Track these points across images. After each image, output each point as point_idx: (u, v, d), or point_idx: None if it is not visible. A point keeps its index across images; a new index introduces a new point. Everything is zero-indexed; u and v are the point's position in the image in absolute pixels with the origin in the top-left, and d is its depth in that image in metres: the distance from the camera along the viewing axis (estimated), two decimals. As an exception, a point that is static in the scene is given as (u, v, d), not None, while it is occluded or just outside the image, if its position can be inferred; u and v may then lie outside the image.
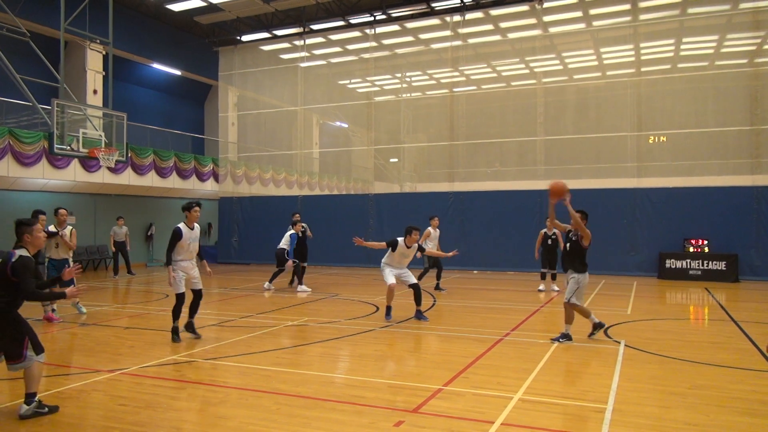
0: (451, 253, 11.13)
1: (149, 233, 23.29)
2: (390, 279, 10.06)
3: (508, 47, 23.66)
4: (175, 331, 8.38)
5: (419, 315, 10.14)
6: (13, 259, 5.15)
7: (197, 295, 8.57)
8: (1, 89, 17.56)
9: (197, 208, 8.40)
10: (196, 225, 8.50)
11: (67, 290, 5.51)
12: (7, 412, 5.28)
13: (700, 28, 20.39)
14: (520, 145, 22.17)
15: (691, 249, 17.05)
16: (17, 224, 5.36)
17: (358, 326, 9.56)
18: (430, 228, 14.08)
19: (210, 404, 5.53)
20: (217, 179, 24.47)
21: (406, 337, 8.74)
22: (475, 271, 19.05)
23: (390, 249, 10.10)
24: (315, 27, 23.81)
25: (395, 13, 22.25)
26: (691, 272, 16.84)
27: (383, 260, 10.31)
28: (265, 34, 24.82)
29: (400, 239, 10.04)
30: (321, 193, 27.90)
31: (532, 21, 20.79)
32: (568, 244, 8.22)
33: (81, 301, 11.07)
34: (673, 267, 17.11)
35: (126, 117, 16.32)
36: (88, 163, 18.26)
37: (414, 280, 10.20)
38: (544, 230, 14.16)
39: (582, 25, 21.74)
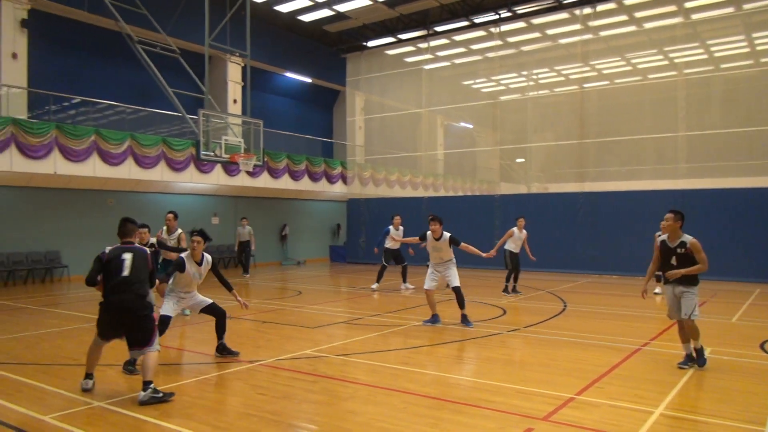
0: (486, 254, 9.93)
1: (283, 233, 24.56)
2: (428, 283, 9.56)
3: (644, 38, 22.23)
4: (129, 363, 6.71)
5: (464, 320, 9.48)
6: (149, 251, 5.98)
7: (219, 314, 7.38)
8: (155, 102, 19.41)
9: (194, 242, 7.19)
10: (205, 255, 7.27)
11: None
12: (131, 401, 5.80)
13: None
14: (658, 142, 20.70)
15: None
16: (128, 221, 6.13)
17: (484, 329, 9.43)
18: (514, 228, 13.55)
19: (340, 399, 5.72)
20: (345, 181, 25.30)
21: (534, 342, 8.48)
22: (614, 276, 18.07)
23: (422, 241, 9.70)
24: (439, 29, 23.89)
25: (521, 9, 21.73)
26: None
27: None
28: (390, 39, 25.31)
29: (429, 231, 9.55)
30: (446, 195, 27.88)
31: (672, 8, 19.36)
32: (674, 258, 6.86)
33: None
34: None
35: (262, 124, 17.36)
36: (229, 167, 19.66)
37: (456, 283, 9.46)
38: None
39: (730, 9, 19.89)
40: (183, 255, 7.21)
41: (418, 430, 4.84)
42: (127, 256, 5.83)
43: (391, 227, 14.84)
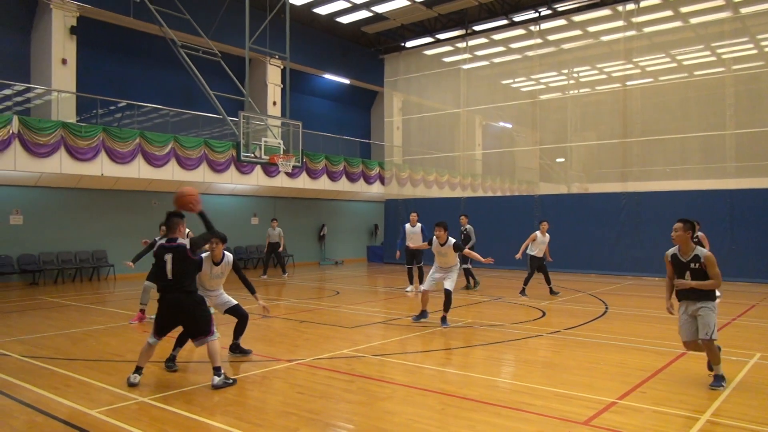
0: (486, 260, 10.00)
1: (321, 233, 24.76)
2: (427, 284, 10.00)
3: (690, 33, 21.60)
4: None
5: (443, 321, 9.65)
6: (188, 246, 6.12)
7: (241, 317, 7.46)
8: (197, 104, 19.82)
9: (213, 244, 7.07)
10: (226, 254, 7.26)
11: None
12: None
13: None
14: (705, 141, 20.07)
15: None
16: (173, 215, 6.33)
17: (523, 331, 9.31)
18: (537, 232, 13.33)
19: (378, 399, 5.73)
20: (383, 182, 25.35)
21: (574, 345, 8.32)
22: (658, 279, 17.61)
23: (429, 246, 10.02)
24: (477, 28, 23.72)
25: (561, 7, 21.40)
26: None
27: None
28: (428, 39, 25.25)
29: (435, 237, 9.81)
30: (484, 195, 27.65)
31: (720, 2, 18.77)
32: (688, 273, 6.11)
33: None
34: None
35: (301, 125, 17.54)
36: (269, 168, 19.93)
37: (449, 287, 9.70)
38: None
39: (783, 2, 19.15)
40: (202, 255, 7.02)
41: (456, 431, 4.81)
42: (168, 258, 6.05)
43: (407, 225, 14.73)
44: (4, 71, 16.77)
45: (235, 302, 7.50)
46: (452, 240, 9.70)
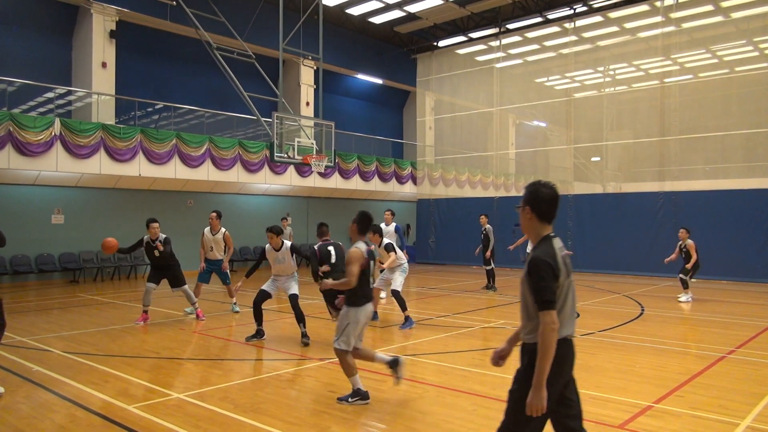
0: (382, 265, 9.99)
1: (353, 233, 24.83)
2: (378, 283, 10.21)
3: (731, 28, 21.01)
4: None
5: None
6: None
7: (293, 307, 8.44)
8: (232, 106, 20.10)
9: (269, 237, 8.51)
10: (285, 242, 8.60)
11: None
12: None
13: None
14: (747, 139, 19.51)
15: None
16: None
17: (557, 332, 9.17)
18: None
19: (410, 399, 5.71)
20: (415, 182, 25.31)
21: (609, 347, 8.17)
22: (696, 280, 17.16)
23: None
24: (511, 26, 23.49)
25: (597, 3, 21.04)
26: None
27: None
28: (461, 38, 25.11)
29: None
30: (517, 195, 27.36)
31: (763, -4, 18.22)
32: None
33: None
34: None
35: (334, 125, 17.62)
36: (302, 168, 20.09)
37: (395, 287, 9.77)
38: None
39: (829, -5, 18.49)
40: (266, 246, 8.66)
41: (488, 433, 4.78)
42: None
43: (383, 224, 12.74)
44: (47, 75, 17.29)
45: (294, 293, 8.52)
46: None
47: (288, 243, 8.65)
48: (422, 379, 6.46)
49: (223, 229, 11.13)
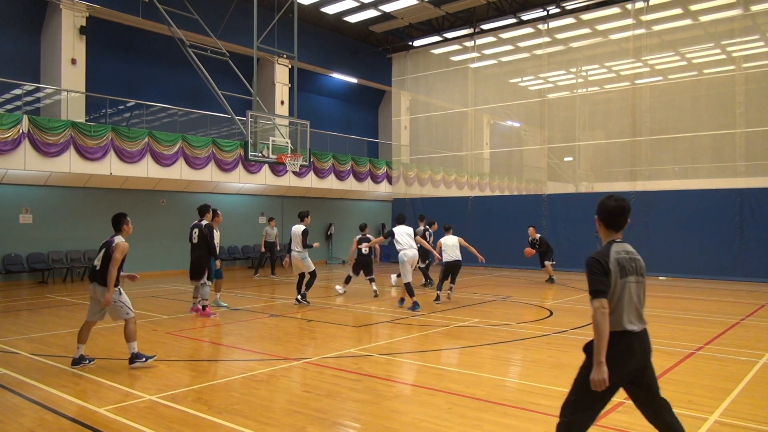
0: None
1: (329, 232, 24.77)
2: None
3: (700, 32, 21.47)
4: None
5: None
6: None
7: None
8: (206, 104, 19.88)
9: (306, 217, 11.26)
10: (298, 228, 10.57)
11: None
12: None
13: None
14: (715, 140, 19.93)
15: None
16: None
17: (530, 330, 9.29)
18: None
19: (384, 398, 5.72)
20: (390, 181, 25.34)
21: (582, 345, 8.26)
22: (661, 278, 17.52)
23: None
24: (485, 27, 23.67)
25: (570, 5, 21.31)
26: None
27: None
28: (436, 38, 25.22)
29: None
30: (492, 194, 27.60)
31: (731, 0, 18.62)
32: None
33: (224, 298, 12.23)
34: None
35: (309, 124, 17.55)
36: (276, 167, 19.96)
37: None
38: None
39: (794, -1, 18.98)
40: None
41: (463, 431, 4.80)
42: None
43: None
44: (15, 71, 16.89)
45: (310, 269, 11.61)
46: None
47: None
48: (398, 378, 6.47)
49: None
